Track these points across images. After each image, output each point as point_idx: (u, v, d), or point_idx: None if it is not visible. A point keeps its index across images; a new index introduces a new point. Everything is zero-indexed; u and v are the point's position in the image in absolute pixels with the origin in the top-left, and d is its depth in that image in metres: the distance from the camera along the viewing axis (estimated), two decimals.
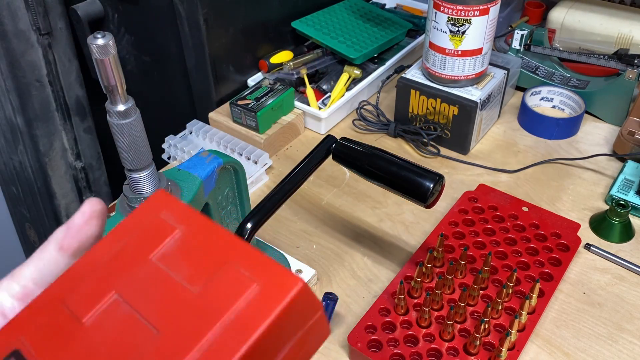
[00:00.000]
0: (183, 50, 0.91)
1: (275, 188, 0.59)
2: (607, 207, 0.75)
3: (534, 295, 0.62)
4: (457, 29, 0.80)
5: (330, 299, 0.62)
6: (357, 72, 0.96)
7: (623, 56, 0.94)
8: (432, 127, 0.88)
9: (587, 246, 0.72)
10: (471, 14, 0.78)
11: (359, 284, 0.69)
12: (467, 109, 0.84)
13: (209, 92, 0.94)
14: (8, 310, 0.30)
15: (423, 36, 1.05)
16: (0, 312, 0.29)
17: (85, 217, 0.32)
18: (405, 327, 0.62)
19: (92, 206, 0.32)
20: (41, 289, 0.30)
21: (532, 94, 0.95)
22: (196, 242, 0.30)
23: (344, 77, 0.96)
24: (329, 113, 0.91)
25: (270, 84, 0.92)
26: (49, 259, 0.31)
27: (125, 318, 0.28)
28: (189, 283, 0.28)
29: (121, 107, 0.46)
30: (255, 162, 0.83)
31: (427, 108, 0.88)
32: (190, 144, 0.87)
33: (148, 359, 0.26)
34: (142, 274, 0.29)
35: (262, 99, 0.89)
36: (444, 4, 0.79)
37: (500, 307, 0.62)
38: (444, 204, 0.78)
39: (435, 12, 0.81)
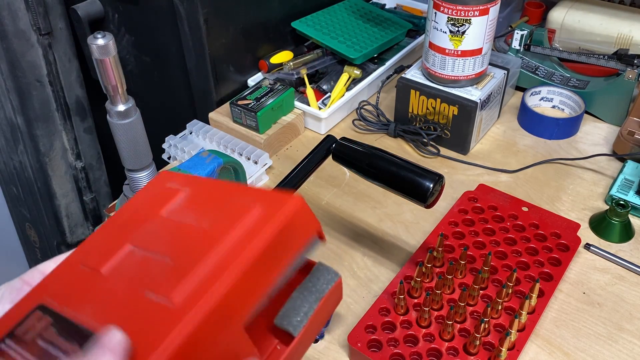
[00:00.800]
0: (183, 50, 0.91)
1: (275, 188, 0.59)
2: (607, 207, 0.75)
3: (534, 295, 0.62)
4: (457, 29, 0.80)
5: None
6: (357, 72, 0.96)
7: (623, 56, 0.94)
8: (432, 127, 0.88)
9: (587, 246, 0.72)
10: (471, 14, 0.78)
11: (359, 284, 0.69)
12: (467, 109, 0.84)
13: (209, 92, 0.94)
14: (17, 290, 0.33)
15: (423, 36, 1.05)
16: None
17: None
18: (405, 327, 0.62)
19: None
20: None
21: (532, 94, 0.95)
22: (203, 196, 0.33)
23: (344, 77, 0.96)
24: (329, 113, 0.91)
25: (270, 84, 0.92)
26: None
27: (141, 260, 0.30)
28: (199, 222, 0.31)
29: (121, 107, 0.46)
30: (255, 162, 0.83)
31: (427, 108, 0.88)
32: (190, 144, 0.87)
33: (161, 280, 0.28)
34: (154, 226, 0.32)
35: (262, 99, 0.89)
36: (443, 4, 0.79)
37: (500, 307, 0.62)
38: (444, 204, 0.79)
39: (435, 12, 0.81)
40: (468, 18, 0.79)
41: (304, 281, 0.34)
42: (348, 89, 0.96)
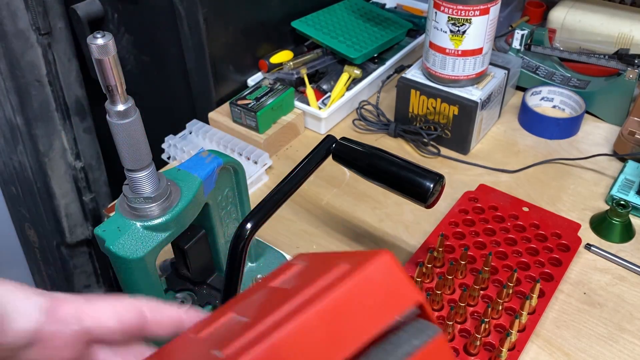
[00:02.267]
0: (183, 50, 0.91)
1: (275, 188, 0.59)
2: (608, 207, 0.75)
3: (534, 296, 0.62)
4: (457, 28, 0.80)
5: None
6: (357, 72, 0.96)
7: (623, 56, 0.94)
8: (432, 127, 0.88)
9: (588, 246, 0.72)
10: (471, 13, 0.78)
11: None
12: (468, 109, 0.84)
13: (209, 92, 0.94)
14: None
15: (423, 36, 1.04)
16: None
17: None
18: None
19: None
20: None
21: (532, 93, 0.95)
22: (314, 265, 0.32)
23: (344, 77, 0.96)
24: (329, 113, 0.91)
25: (270, 83, 0.92)
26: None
27: (230, 323, 0.31)
28: (289, 285, 0.30)
29: (121, 107, 0.46)
30: (255, 162, 0.83)
31: (428, 108, 0.88)
32: (190, 144, 0.87)
33: (228, 337, 0.28)
34: (258, 296, 0.33)
35: (262, 99, 0.88)
36: (444, 4, 0.79)
37: (500, 308, 0.62)
38: (444, 204, 0.78)
39: (436, 12, 0.81)
40: (468, 18, 0.78)
41: (382, 339, 0.26)
42: (348, 89, 0.95)
